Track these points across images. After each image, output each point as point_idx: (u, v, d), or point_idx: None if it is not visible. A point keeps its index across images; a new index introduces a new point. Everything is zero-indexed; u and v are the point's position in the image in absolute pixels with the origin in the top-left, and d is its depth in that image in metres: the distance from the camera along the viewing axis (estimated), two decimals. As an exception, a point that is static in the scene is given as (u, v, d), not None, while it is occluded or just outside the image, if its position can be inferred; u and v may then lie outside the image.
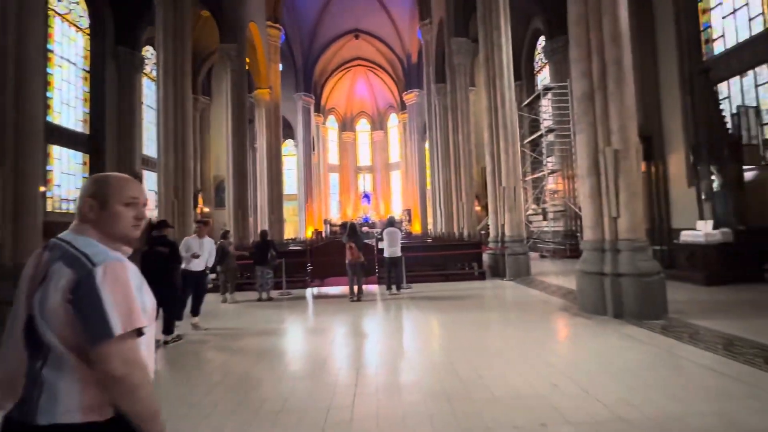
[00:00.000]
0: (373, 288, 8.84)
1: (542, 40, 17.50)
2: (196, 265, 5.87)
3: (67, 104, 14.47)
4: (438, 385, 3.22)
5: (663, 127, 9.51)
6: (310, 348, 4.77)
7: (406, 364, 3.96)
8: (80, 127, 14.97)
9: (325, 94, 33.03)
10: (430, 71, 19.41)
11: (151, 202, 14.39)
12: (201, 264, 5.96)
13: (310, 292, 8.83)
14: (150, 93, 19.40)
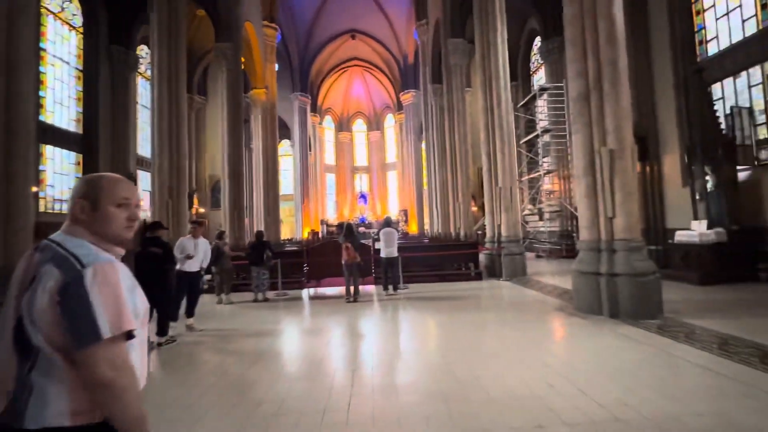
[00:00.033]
0: (370, 288, 8.82)
1: (538, 41, 17.57)
2: (191, 265, 5.84)
3: (60, 103, 14.31)
4: (434, 386, 3.20)
5: (658, 128, 9.57)
6: (306, 349, 4.74)
7: (403, 364, 3.95)
8: (73, 126, 14.82)
9: (322, 94, 32.96)
10: (427, 72, 19.42)
11: (146, 203, 14.28)
12: (196, 265, 5.93)
13: (307, 293, 8.79)
14: (145, 92, 19.28)
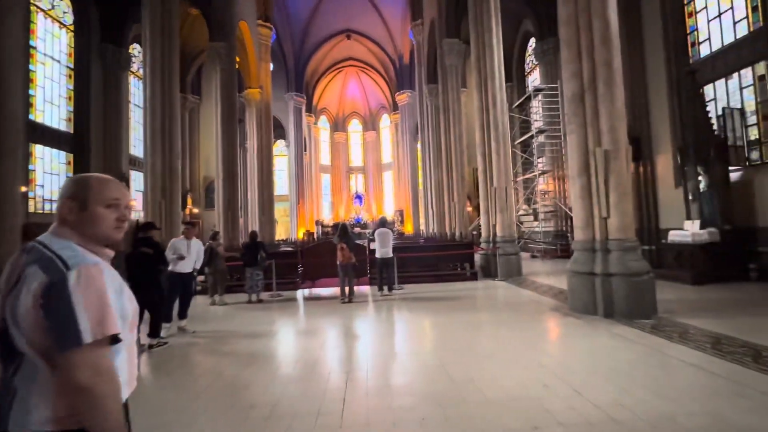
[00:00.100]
0: (365, 289, 8.78)
1: (533, 42, 17.65)
2: (184, 266, 5.77)
3: (51, 102, 14.09)
4: (430, 387, 3.18)
5: (651, 129, 9.63)
6: (300, 351, 4.69)
7: (398, 366, 3.91)
8: (64, 125, 14.60)
9: (317, 94, 32.88)
10: (422, 72, 19.44)
11: (138, 203, 14.10)
12: (189, 266, 5.86)
13: (301, 294, 8.73)
14: (137, 92, 19.06)
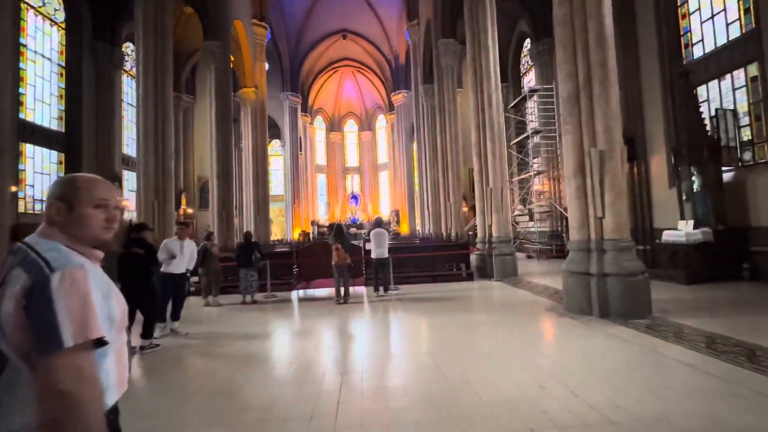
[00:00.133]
0: (361, 289, 8.74)
1: (528, 43, 17.72)
2: (177, 267, 5.69)
3: (42, 101, 13.88)
4: (425, 389, 3.14)
5: (645, 129, 9.69)
6: (294, 352, 4.64)
7: (393, 368, 3.88)
8: (55, 124, 14.39)
9: (313, 94, 32.77)
10: (418, 72, 19.42)
11: (131, 203, 13.93)
12: (181, 266, 5.78)
13: (296, 295, 8.66)
14: (131, 91, 18.86)
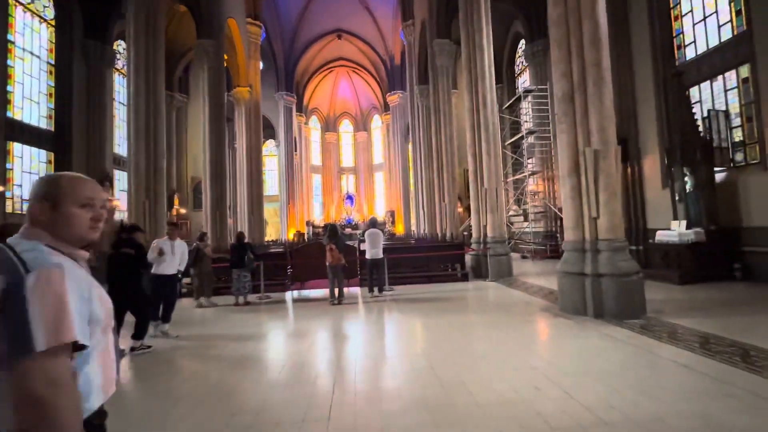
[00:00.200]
0: (356, 290, 8.68)
1: (523, 44, 17.79)
2: (167, 268, 5.60)
3: (30, 99, 13.64)
4: (419, 392, 3.10)
5: (638, 130, 9.75)
6: (286, 355, 4.57)
7: (387, 370, 3.83)
8: (44, 123, 14.14)
9: (308, 94, 32.64)
10: (413, 72, 19.42)
11: (123, 203, 13.74)
12: (172, 267, 5.69)
13: (290, 296, 8.58)
14: (122, 89, 18.62)
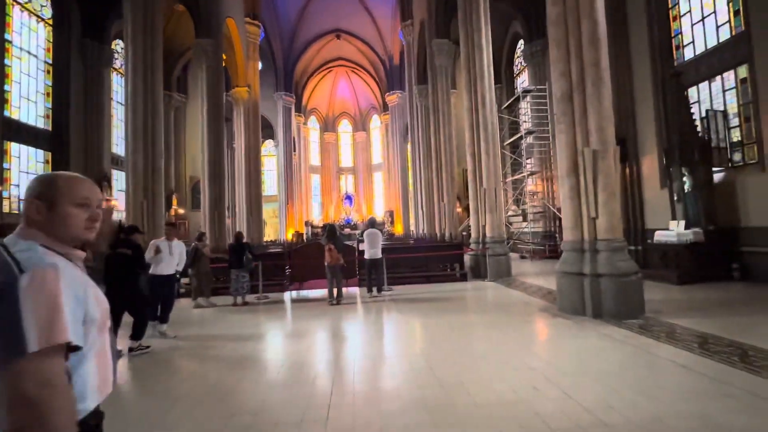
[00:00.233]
0: (354, 290, 8.67)
1: (521, 44, 17.80)
2: (165, 268, 5.58)
3: (27, 99, 13.58)
4: (418, 392, 3.09)
5: (637, 130, 9.76)
6: (285, 355, 4.56)
7: (386, 370, 3.81)
8: (42, 123, 14.08)
9: (307, 94, 32.60)
10: (412, 72, 19.41)
11: (121, 203, 13.69)
12: (170, 268, 5.67)
13: (289, 296, 8.57)
14: (120, 89, 18.57)
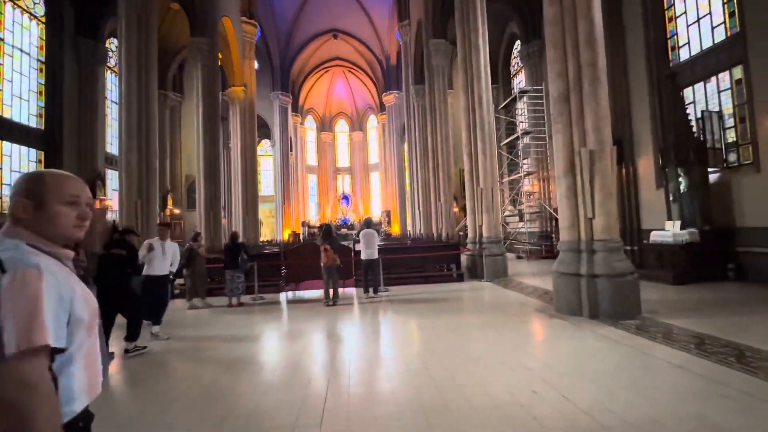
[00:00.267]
0: (351, 291, 8.62)
1: (518, 45, 17.82)
2: (159, 269, 5.52)
3: (20, 97, 13.40)
4: (414, 395, 3.04)
5: (633, 131, 9.78)
6: (279, 357, 4.50)
7: (381, 372, 3.77)
8: (34, 122, 13.90)
9: (303, 93, 32.48)
10: (409, 72, 19.39)
11: (114, 203, 13.54)
12: (164, 268, 5.60)
13: (284, 297, 8.50)
14: (115, 87, 18.38)
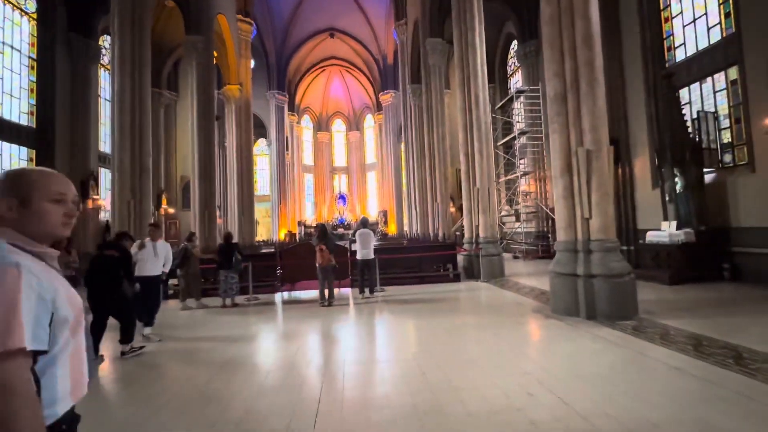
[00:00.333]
0: (346, 291, 8.55)
1: (515, 45, 17.82)
2: (151, 269, 5.43)
3: (10, 95, 13.19)
4: (409, 399, 2.99)
5: (629, 131, 9.79)
6: (273, 359, 4.43)
7: (376, 375, 3.71)
8: (25, 120, 13.69)
9: (300, 92, 32.33)
10: (406, 72, 19.33)
11: (107, 203, 13.37)
12: (156, 268, 5.51)
13: (279, 297, 8.42)
14: (108, 86, 18.16)
